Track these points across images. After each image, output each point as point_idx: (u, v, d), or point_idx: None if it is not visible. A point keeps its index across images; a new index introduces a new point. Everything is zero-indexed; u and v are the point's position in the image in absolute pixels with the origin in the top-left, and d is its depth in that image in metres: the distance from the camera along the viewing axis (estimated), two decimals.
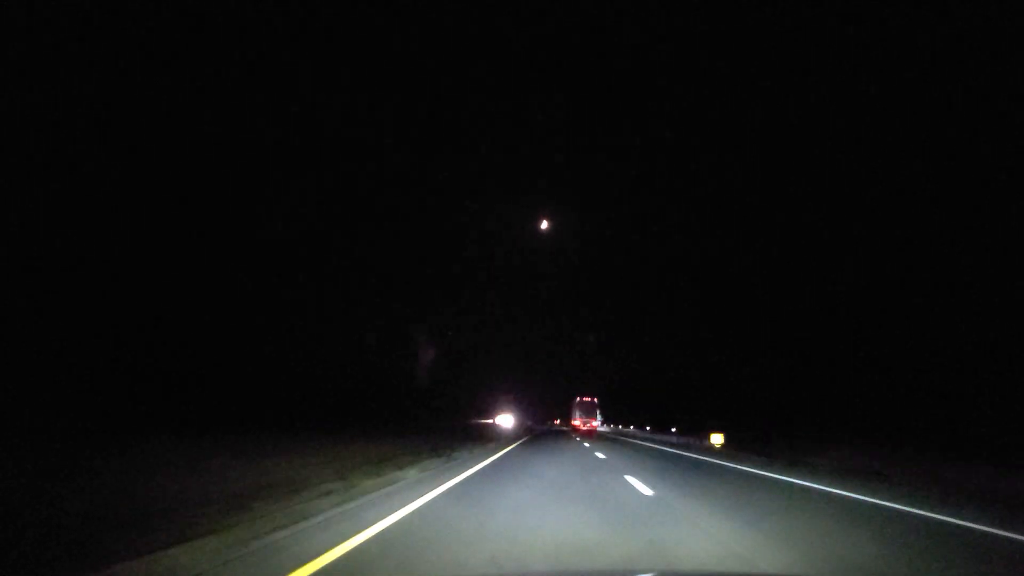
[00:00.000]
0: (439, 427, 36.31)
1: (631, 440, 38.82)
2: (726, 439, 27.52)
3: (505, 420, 50.80)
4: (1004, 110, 23.37)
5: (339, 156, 49.65)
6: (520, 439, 30.48)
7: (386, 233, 56.80)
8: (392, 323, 46.87)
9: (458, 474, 10.46)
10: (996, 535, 6.17)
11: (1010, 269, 22.52)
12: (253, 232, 31.71)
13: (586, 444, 26.80)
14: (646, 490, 8.83)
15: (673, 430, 52.07)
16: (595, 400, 51.73)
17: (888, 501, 8.49)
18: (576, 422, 50.25)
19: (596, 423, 50.69)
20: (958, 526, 6.61)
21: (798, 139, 40.92)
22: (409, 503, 6.78)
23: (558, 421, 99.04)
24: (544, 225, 43.63)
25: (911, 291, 27.21)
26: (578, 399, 51.55)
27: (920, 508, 7.83)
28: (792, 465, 15.64)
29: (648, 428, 72.49)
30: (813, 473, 13.28)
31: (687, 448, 26.35)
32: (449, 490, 8.23)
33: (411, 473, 10.14)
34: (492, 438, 27.84)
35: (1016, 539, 5.97)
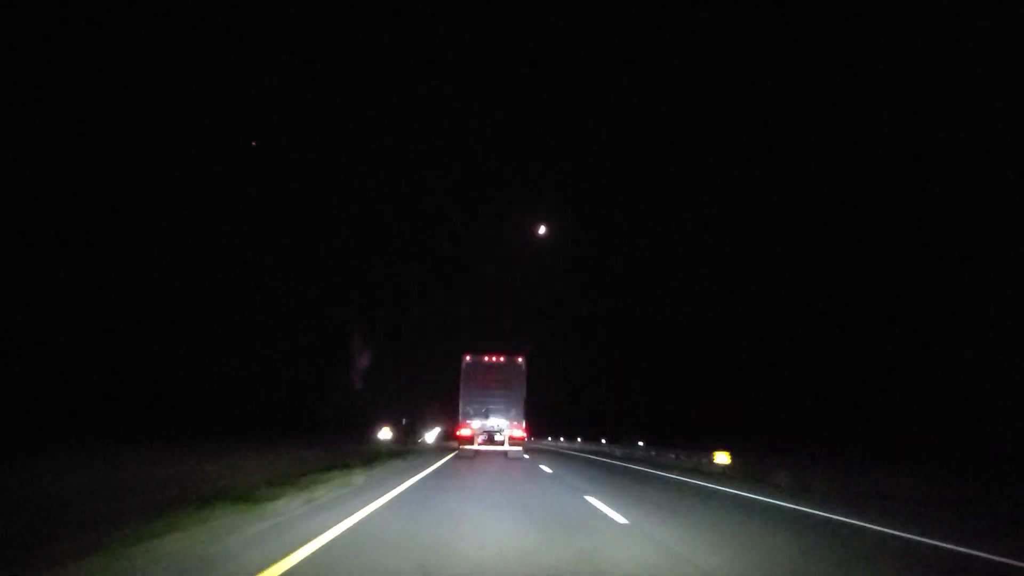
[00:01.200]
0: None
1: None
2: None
3: None
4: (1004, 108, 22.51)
5: (285, 152, 47.86)
6: None
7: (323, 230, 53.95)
8: (329, 325, 41.97)
9: None
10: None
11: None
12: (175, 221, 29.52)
13: None
14: None
15: (603, 441, 47.95)
16: (520, 362, 20.66)
17: None
18: (467, 428, 20.21)
19: (519, 430, 20.19)
20: None
21: (784, 148, 39.80)
22: None
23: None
24: (542, 230, 38.39)
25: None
26: (468, 360, 20.77)
27: None
28: None
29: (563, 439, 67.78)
30: None
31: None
32: None
33: None
34: None
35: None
